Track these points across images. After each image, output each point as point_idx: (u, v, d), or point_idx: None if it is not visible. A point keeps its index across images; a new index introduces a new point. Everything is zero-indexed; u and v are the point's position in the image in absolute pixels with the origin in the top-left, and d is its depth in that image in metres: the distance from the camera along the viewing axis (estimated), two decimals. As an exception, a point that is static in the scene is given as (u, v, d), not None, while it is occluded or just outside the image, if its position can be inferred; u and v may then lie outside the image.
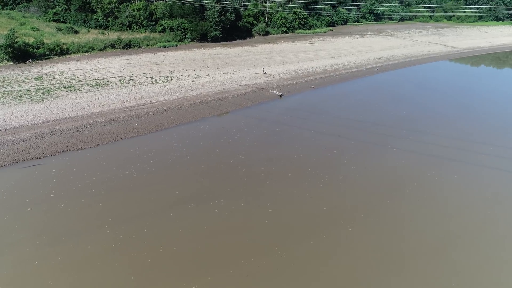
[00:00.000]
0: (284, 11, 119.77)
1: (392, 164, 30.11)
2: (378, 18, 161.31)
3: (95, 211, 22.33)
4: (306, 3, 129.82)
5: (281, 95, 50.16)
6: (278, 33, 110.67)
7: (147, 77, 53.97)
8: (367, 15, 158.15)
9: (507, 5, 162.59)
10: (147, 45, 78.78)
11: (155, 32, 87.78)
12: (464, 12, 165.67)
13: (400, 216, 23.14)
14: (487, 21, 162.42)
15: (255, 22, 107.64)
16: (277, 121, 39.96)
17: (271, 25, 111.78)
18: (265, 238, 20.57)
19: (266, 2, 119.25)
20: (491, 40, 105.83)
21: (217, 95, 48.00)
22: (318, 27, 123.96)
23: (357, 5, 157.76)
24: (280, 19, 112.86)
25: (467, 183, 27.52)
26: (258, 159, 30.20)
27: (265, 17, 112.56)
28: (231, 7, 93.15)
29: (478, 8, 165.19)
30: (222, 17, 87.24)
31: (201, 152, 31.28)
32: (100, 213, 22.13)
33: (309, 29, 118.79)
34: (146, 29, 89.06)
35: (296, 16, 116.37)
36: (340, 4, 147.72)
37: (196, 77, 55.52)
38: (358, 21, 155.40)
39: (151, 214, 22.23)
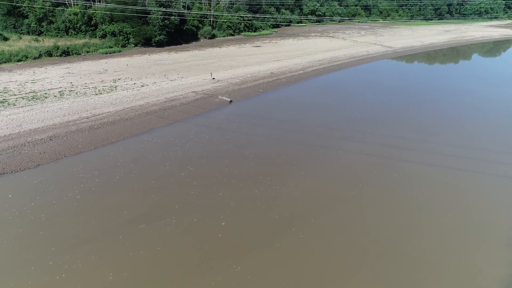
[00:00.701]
0: (229, 14, 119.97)
1: (339, 167, 31.39)
2: (320, 19, 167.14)
3: (35, 241, 20.91)
4: (250, 6, 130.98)
5: (230, 101, 50.26)
6: (224, 36, 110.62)
7: (89, 88, 51.44)
8: (309, 16, 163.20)
9: (434, 7, 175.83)
10: (88, 52, 75.03)
11: (96, 37, 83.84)
12: (397, 12, 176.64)
13: (348, 219, 24.20)
14: (418, 20, 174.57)
15: (200, 25, 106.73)
16: (227, 129, 39.99)
17: (216, 28, 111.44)
18: (219, 253, 20.55)
19: (210, 5, 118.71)
20: (422, 39, 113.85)
21: (165, 104, 46.99)
22: (263, 29, 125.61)
23: (300, 7, 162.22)
24: (226, 22, 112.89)
25: (408, 181, 29.41)
26: (209, 170, 30.05)
27: (210, 20, 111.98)
28: (174, 11, 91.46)
29: (409, 9, 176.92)
30: (166, 21, 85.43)
31: (150, 166, 30.46)
32: (40, 243, 20.76)
33: (254, 31, 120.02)
34: (85, 35, 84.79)
35: (241, 19, 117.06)
36: (283, 6, 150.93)
37: (142, 86, 53.90)
38: (301, 22, 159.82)
39: (98, 239, 21.27)
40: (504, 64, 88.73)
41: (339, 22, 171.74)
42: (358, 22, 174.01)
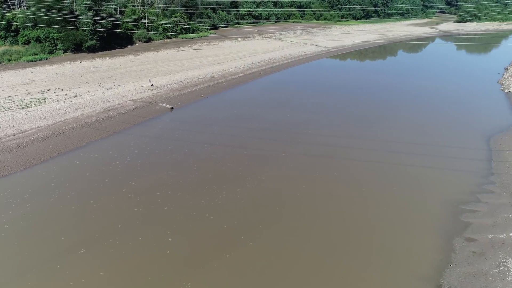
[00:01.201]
0: (164, 16, 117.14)
1: (284, 170, 32.17)
2: (257, 20, 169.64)
3: (-40, 281, 18.89)
4: (186, 7, 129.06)
5: (172, 108, 49.24)
6: (161, 39, 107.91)
7: (14, 101, 47.38)
8: (246, 17, 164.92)
9: (362, 7, 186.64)
10: (9, 61, 68.95)
11: (17, 44, 77.22)
12: (329, 12, 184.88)
13: (294, 224, 24.95)
14: (348, 20, 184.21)
15: (135, 28, 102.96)
16: (169, 137, 39.14)
17: (152, 31, 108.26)
18: (167, 273, 20.09)
19: (144, 7, 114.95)
20: (352, 39, 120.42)
21: (102, 115, 44.77)
22: (201, 31, 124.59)
23: (236, 8, 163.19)
24: (162, 25, 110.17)
25: (348, 180, 31.00)
26: (153, 184, 29.22)
27: (145, 23, 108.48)
28: (106, 14, 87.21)
29: (340, 9, 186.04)
30: (97, 25, 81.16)
31: (88, 184, 28.86)
32: (-33, 282, 18.79)
33: (192, 33, 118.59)
34: (5, 41, 77.71)
35: (178, 21, 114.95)
36: (220, 7, 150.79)
37: (75, 96, 50.78)
38: (238, 23, 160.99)
39: (33, 271, 19.71)
40: (425, 57, 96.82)
41: (275, 22, 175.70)
42: (293, 22, 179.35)
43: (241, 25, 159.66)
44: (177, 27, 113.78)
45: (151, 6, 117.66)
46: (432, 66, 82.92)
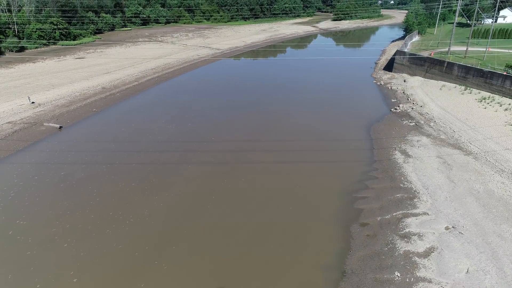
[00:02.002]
0: (38, 21, 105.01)
1: (189, 182, 32.04)
2: (145, 22, 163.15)
3: None
4: (63, 11, 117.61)
5: (60, 127, 44.83)
6: (36, 47, 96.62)
7: None
8: (133, 19, 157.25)
9: (249, 7, 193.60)
10: None
11: None
12: (219, 13, 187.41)
13: (203, 236, 25.23)
14: (237, 20, 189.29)
15: (2, 36, 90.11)
16: (61, 162, 35.65)
17: (25, 38, 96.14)
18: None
19: (11, 12, 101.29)
20: (244, 39, 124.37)
21: (-30, 144, 38.51)
22: (84, 37, 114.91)
23: (122, 10, 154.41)
24: (36, 31, 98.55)
25: (253, 183, 32.34)
26: (46, 220, 26.41)
27: (15, 30, 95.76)
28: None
29: (228, 10, 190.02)
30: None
31: (-34, 231, 24.77)
32: None
33: (74, 40, 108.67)
34: None
35: (55, 26, 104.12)
36: (102, 10, 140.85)
37: None
38: (125, 26, 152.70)
39: None
40: (310, 54, 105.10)
41: (165, 24, 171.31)
42: (184, 24, 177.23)
43: (129, 28, 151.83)
44: (54, 33, 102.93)
45: (19, 11, 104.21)
46: (315, 62, 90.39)
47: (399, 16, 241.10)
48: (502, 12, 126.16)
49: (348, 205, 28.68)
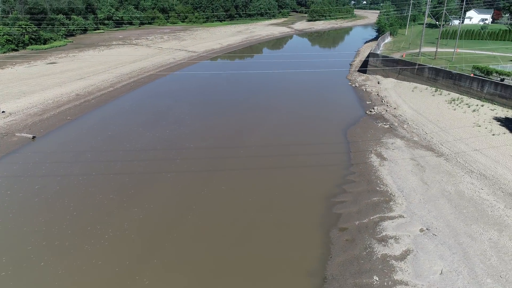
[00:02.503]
0: (5, 24, 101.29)
1: (169, 196, 31.91)
2: (119, 24, 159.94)
3: None
4: (32, 14, 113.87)
5: (34, 137, 43.55)
6: (4, 52, 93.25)
7: None
8: (106, 22, 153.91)
9: (225, 8, 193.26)
10: None
11: None
12: (194, 14, 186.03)
13: (184, 248, 25.25)
14: (213, 22, 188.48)
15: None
16: (35, 174, 34.70)
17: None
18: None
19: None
20: (220, 41, 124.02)
21: None
22: (55, 40, 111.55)
23: (93, 12, 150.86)
24: (3, 35, 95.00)
25: (235, 190, 32.53)
26: (21, 236, 25.73)
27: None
28: None
29: (204, 11, 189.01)
30: None
31: None
32: None
33: (44, 44, 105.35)
34: None
35: (24, 30, 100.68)
36: (73, 12, 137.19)
37: None
38: (98, 29, 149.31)
39: None
40: (286, 56, 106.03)
41: (139, 26, 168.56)
42: (159, 25, 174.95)
43: (102, 31, 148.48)
44: (23, 37, 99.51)
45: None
46: (292, 64, 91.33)
47: (371, 16, 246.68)
48: (468, 14, 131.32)
49: (328, 210, 29.33)
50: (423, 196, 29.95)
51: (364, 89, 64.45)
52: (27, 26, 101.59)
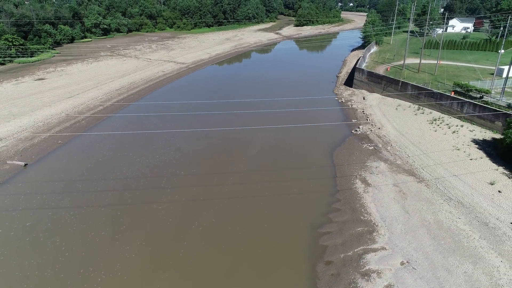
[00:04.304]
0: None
1: (159, 229, 32.90)
2: (106, 32, 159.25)
3: None
4: (18, 26, 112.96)
5: (25, 165, 43.97)
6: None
7: None
8: (94, 30, 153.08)
9: (213, 14, 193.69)
10: None
11: None
12: (181, 20, 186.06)
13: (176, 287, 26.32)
14: (201, 27, 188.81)
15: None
16: (26, 208, 35.21)
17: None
18: None
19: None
20: (208, 51, 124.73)
21: None
22: (42, 52, 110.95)
23: (80, 20, 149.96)
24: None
25: (222, 220, 33.62)
26: (11, 281, 26.45)
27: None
28: None
29: (192, 17, 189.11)
30: None
31: None
32: None
33: (31, 56, 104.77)
34: None
35: (10, 43, 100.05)
36: (60, 21, 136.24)
37: None
38: (85, 37, 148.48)
39: None
40: (273, 67, 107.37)
41: (127, 33, 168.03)
42: (146, 32, 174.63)
43: (90, 39, 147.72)
44: (10, 50, 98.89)
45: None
46: (280, 73, 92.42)
47: (358, 19, 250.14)
48: (451, 22, 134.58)
49: (314, 241, 30.72)
50: (404, 226, 31.60)
51: (350, 105, 66.14)
52: (13, 40, 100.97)
